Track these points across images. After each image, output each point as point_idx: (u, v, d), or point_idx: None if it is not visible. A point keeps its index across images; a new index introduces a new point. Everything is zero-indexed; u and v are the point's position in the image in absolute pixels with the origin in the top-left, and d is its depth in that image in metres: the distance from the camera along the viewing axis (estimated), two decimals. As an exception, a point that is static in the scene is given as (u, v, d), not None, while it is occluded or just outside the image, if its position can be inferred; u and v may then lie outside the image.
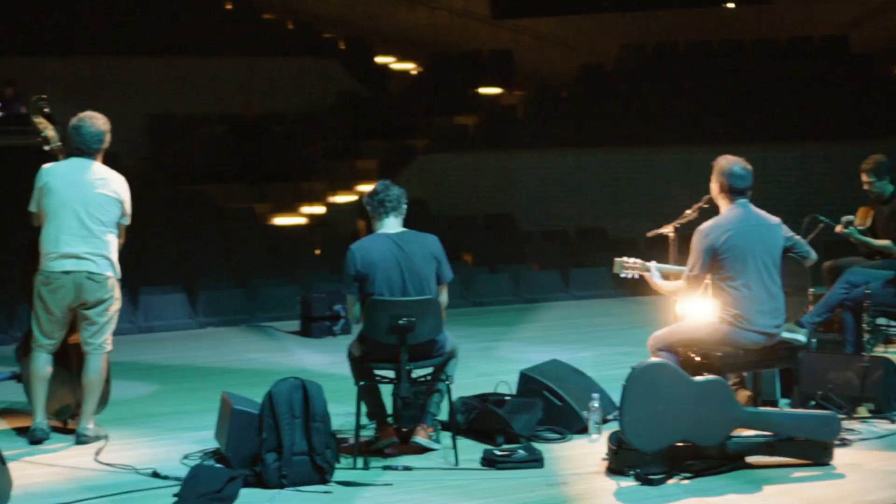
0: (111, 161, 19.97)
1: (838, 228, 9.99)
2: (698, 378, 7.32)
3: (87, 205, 8.03)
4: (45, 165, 8.21)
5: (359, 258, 7.66)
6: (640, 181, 18.68)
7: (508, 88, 25.19)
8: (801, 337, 8.96)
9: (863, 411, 8.46)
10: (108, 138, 8.23)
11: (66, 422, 8.49)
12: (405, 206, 8.01)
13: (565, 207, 19.42)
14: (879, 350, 9.65)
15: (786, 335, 8.89)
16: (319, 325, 12.65)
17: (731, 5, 24.37)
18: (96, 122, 8.18)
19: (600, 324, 13.33)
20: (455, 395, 8.35)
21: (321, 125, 22.55)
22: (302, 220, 20.19)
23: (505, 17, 25.76)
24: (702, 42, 23.61)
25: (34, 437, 8.15)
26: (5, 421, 8.90)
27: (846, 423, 8.14)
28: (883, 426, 8.24)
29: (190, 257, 16.35)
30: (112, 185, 8.14)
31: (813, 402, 8.52)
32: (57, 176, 8.09)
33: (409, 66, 26.64)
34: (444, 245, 17.61)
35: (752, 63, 22.35)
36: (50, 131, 8.38)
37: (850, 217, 10.05)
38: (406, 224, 18.67)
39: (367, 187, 21.63)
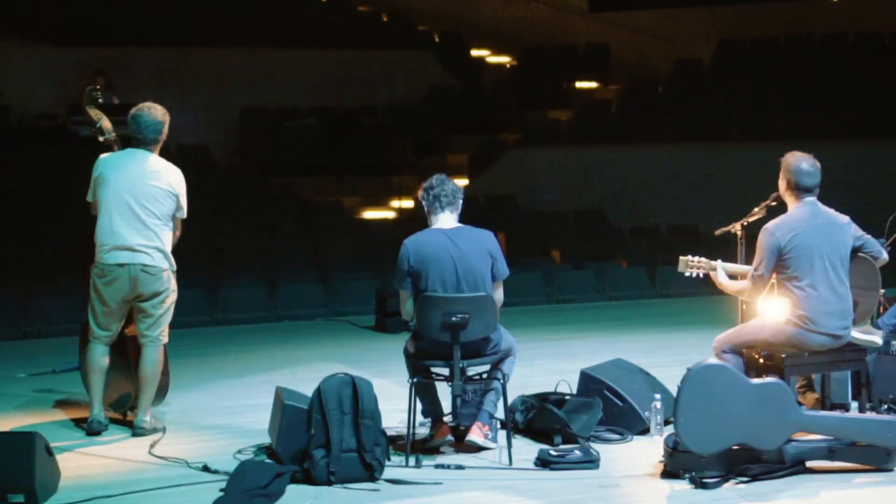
0: (200, 152, 20.32)
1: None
2: (756, 380, 7.12)
3: (140, 197, 8.00)
4: (102, 156, 8.19)
5: (412, 253, 7.55)
6: (735, 178, 18.30)
7: (604, 83, 24.94)
8: (877, 339, 8.71)
9: None
10: (165, 129, 8.19)
11: (125, 414, 8.50)
12: (461, 202, 7.87)
13: (657, 204, 19.17)
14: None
15: (861, 337, 8.66)
16: (394, 320, 12.57)
17: (833, -1, 23.91)
18: (155, 112, 8.15)
19: (682, 322, 13.07)
20: (516, 393, 8.28)
21: (412, 118, 22.48)
22: (391, 215, 20.15)
23: (602, 11, 25.47)
24: (802, 36, 23.14)
25: (91, 429, 8.17)
26: (65, 412, 8.96)
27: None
28: (957, 433, 7.93)
29: (273, 250, 16.39)
30: (167, 178, 8.10)
31: (885, 407, 8.28)
32: (111, 167, 8.08)
33: (505, 60, 26.50)
34: (533, 241, 17.74)
35: (854, 57, 21.87)
36: (105, 122, 8.35)
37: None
38: (494, 218, 18.72)
39: (458, 182, 21.54)
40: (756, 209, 8.46)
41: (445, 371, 7.55)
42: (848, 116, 20.03)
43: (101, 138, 8.35)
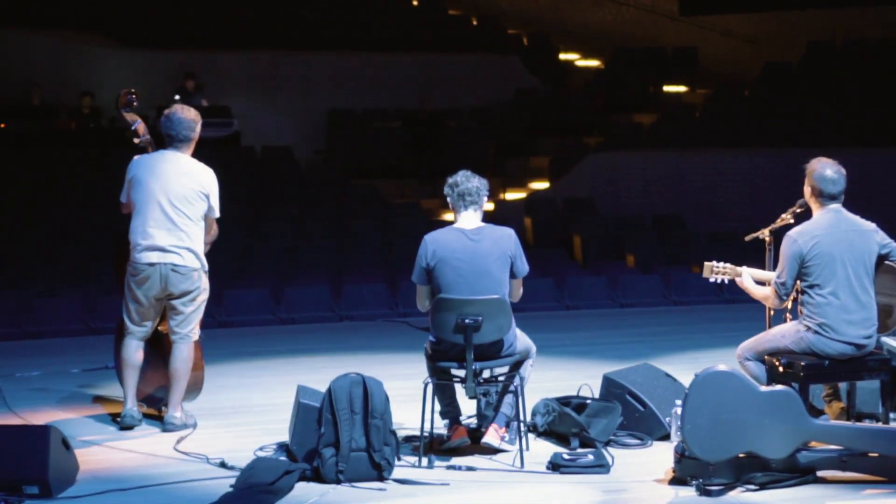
0: (285, 153, 20.56)
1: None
2: (764, 388, 7.08)
3: (172, 197, 8.17)
4: (136, 157, 8.38)
5: (430, 251, 7.62)
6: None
7: (692, 86, 24.77)
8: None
9: None
10: (198, 129, 8.34)
11: (160, 409, 8.67)
12: (485, 200, 7.86)
13: (737, 209, 18.99)
14: None
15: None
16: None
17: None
18: (187, 112, 8.32)
19: (740, 329, 12.93)
20: (543, 396, 8.32)
21: (496, 121, 22.53)
22: (471, 217, 20.15)
23: (692, 14, 25.29)
24: (893, 40, 22.74)
25: (124, 424, 8.36)
26: (103, 407, 9.16)
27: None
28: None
29: (347, 251, 16.56)
30: (198, 179, 8.26)
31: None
32: (145, 168, 8.27)
33: (593, 63, 26.42)
34: (609, 245, 17.66)
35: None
36: (140, 125, 8.53)
37: None
38: (573, 221, 18.62)
39: (539, 185, 21.65)
40: (784, 215, 8.44)
41: (462, 373, 7.61)
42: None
43: (136, 140, 8.52)
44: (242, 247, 16.48)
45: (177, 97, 19.63)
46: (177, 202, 8.18)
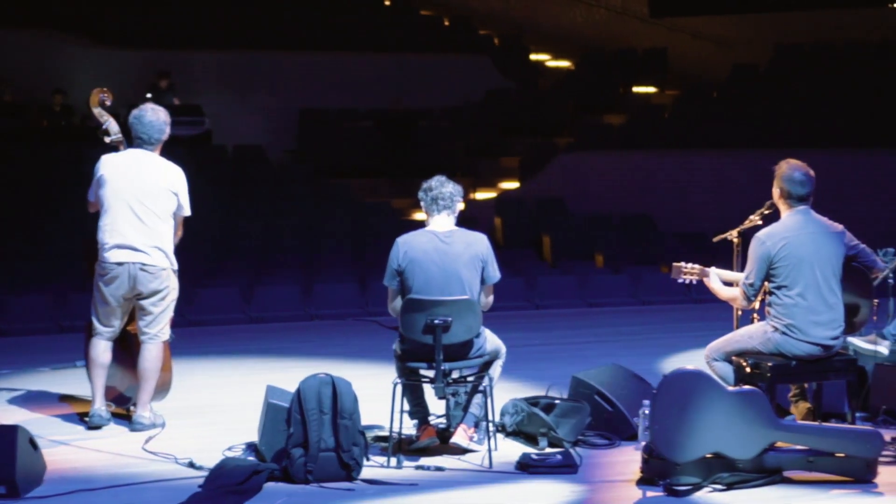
0: (257, 152, 20.54)
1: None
2: (732, 388, 7.13)
3: (141, 196, 8.16)
4: (105, 156, 8.36)
5: (402, 252, 7.65)
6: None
7: (662, 88, 24.87)
8: (882, 349, 8.71)
9: None
10: (167, 130, 8.34)
11: (128, 409, 8.66)
12: (459, 205, 7.89)
13: (705, 210, 19.07)
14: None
15: (866, 346, 8.66)
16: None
17: (895, 5, 23.54)
18: (158, 113, 8.30)
19: (710, 329, 12.99)
20: (513, 396, 8.35)
21: (467, 122, 22.57)
22: (441, 216, 20.18)
23: (662, 16, 25.42)
24: (861, 42, 22.90)
25: (92, 423, 8.34)
26: (71, 406, 9.13)
27: (910, 441, 7.84)
28: (950, 445, 7.87)
29: (318, 250, 16.56)
30: (167, 177, 8.25)
31: (881, 417, 8.26)
32: (113, 167, 8.25)
33: (564, 64, 26.50)
34: (578, 245, 17.72)
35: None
36: (111, 124, 8.51)
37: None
38: (543, 221, 18.66)
39: (509, 185, 21.69)
40: (753, 216, 8.50)
41: (431, 373, 7.63)
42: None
43: (107, 139, 8.50)
44: (213, 246, 16.47)
45: (149, 95, 19.60)
46: (146, 200, 8.17)
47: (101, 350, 8.34)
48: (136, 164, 8.23)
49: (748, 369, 7.67)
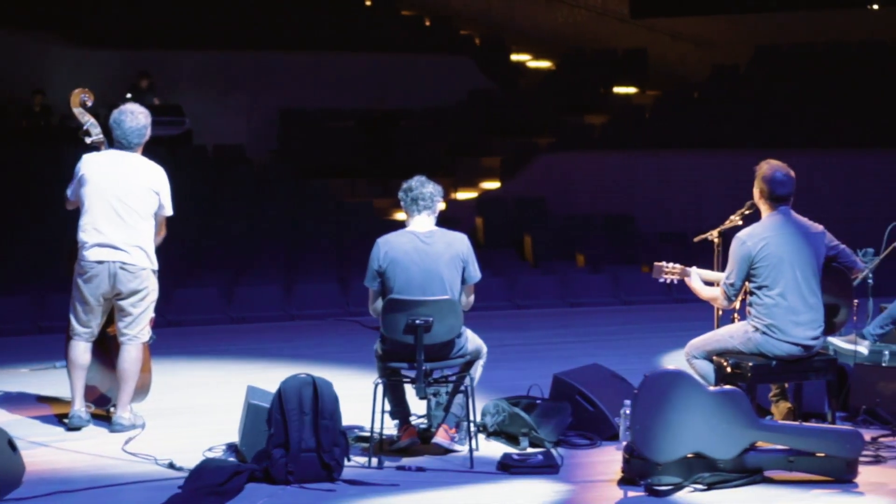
0: (237, 152, 20.51)
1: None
2: (713, 388, 7.14)
3: (122, 195, 8.13)
4: (86, 155, 8.32)
5: (382, 252, 7.64)
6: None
7: (642, 88, 24.93)
8: (863, 349, 8.74)
9: None
10: (148, 132, 8.32)
11: (108, 410, 8.63)
12: (439, 205, 7.89)
13: (686, 210, 19.10)
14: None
15: (846, 346, 8.69)
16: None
17: (874, 7, 23.61)
18: (138, 116, 8.27)
19: (689, 328, 13.02)
20: (495, 396, 8.35)
21: (449, 122, 22.58)
22: (423, 216, 20.18)
23: (642, 16, 25.48)
24: (840, 44, 22.99)
25: (72, 425, 8.30)
26: (51, 407, 9.09)
27: (889, 440, 7.87)
28: (929, 445, 7.90)
29: (298, 250, 16.54)
30: (149, 177, 8.22)
31: (861, 417, 8.29)
32: (95, 166, 8.22)
33: (545, 65, 26.54)
34: (559, 245, 17.74)
35: (893, 65, 21.67)
36: (92, 125, 8.48)
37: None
38: (524, 221, 18.68)
39: (490, 185, 21.70)
40: (733, 216, 8.52)
41: (412, 373, 7.62)
42: (883, 125, 19.85)
43: (87, 140, 8.47)
44: (193, 246, 16.43)
45: (129, 95, 19.55)
46: (127, 199, 8.14)
47: (81, 351, 8.30)
48: (117, 164, 8.21)
49: (729, 369, 7.68)
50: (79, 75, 21.20)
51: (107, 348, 8.49)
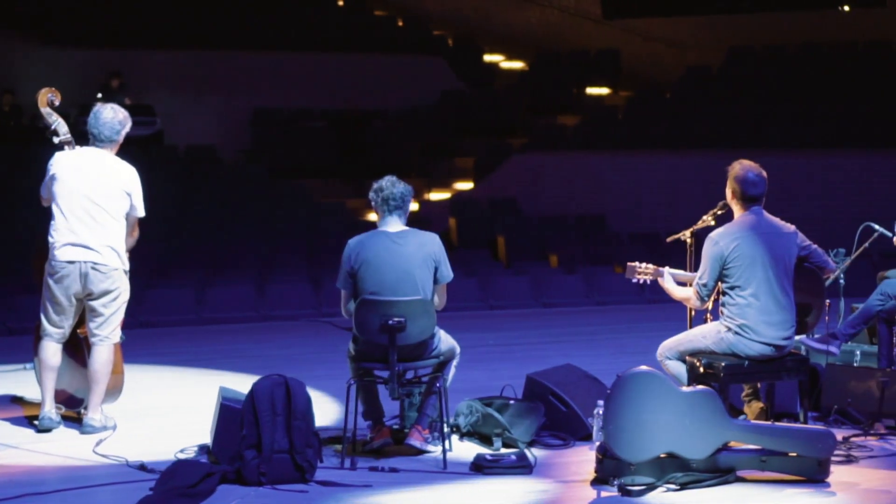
0: (209, 152, 20.44)
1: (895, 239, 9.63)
2: (686, 388, 7.14)
3: (94, 195, 8.08)
4: (58, 153, 8.27)
5: (354, 253, 7.61)
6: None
7: (615, 89, 24.97)
8: (833, 349, 8.76)
9: None
10: (123, 132, 8.26)
11: (79, 412, 8.57)
12: (409, 205, 7.87)
13: (659, 211, 19.15)
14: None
15: (818, 346, 8.71)
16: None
17: (845, 8, 23.70)
18: (118, 113, 8.23)
19: (662, 328, 13.04)
20: (468, 397, 8.33)
21: (422, 122, 22.59)
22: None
23: (615, 17, 25.51)
24: (812, 45, 23.08)
25: (42, 426, 8.24)
26: (22, 408, 9.03)
27: (860, 440, 7.89)
28: (900, 444, 7.93)
29: (271, 250, 16.50)
30: (121, 177, 8.17)
31: (833, 417, 8.32)
32: (66, 165, 8.16)
33: (518, 65, 26.57)
34: (532, 246, 17.76)
35: (863, 66, 21.77)
36: (60, 125, 8.42)
37: (904, 226, 9.67)
38: (497, 221, 18.69)
39: (463, 185, 21.70)
40: (705, 216, 8.53)
41: (385, 374, 7.60)
42: (855, 125, 19.94)
43: (55, 140, 8.41)
44: (165, 246, 16.36)
45: (99, 95, 19.47)
46: (98, 199, 8.09)
47: (51, 352, 8.24)
48: (89, 163, 8.16)
49: (702, 369, 7.67)
50: (49, 75, 21.10)
51: (78, 349, 8.43)
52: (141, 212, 8.32)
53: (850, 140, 19.56)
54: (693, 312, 8.35)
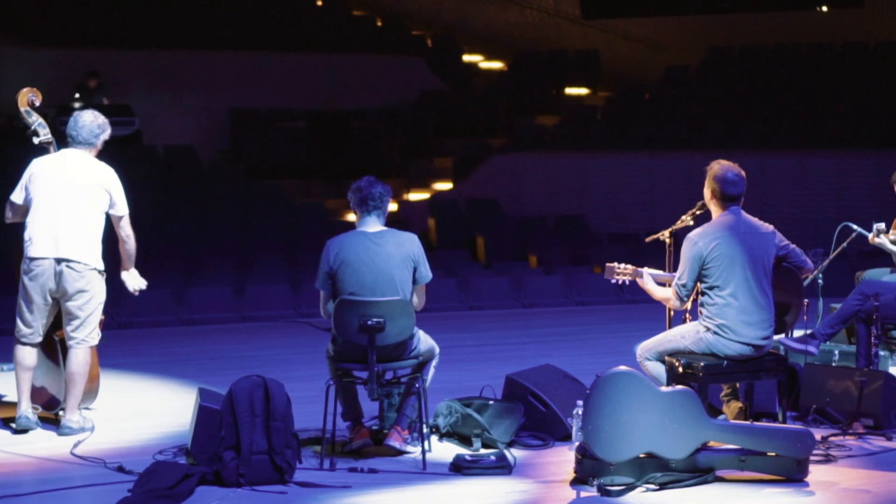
0: (188, 153, 20.38)
1: (871, 238, 9.66)
2: (665, 388, 7.15)
3: (70, 193, 8.05)
4: (35, 159, 8.26)
5: (333, 254, 7.60)
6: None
7: (594, 89, 25.01)
8: (812, 349, 8.78)
9: None
10: (102, 137, 8.24)
11: (57, 413, 8.53)
12: (388, 206, 7.86)
13: (638, 211, 19.19)
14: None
15: (797, 346, 8.72)
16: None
17: (823, 9, 23.77)
18: (98, 118, 8.23)
19: (641, 329, 13.06)
20: (448, 397, 8.32)
21: (401, 122, 22.58)
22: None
23: (594, 18, 25.55)
24: (790, 45, 23.15)
25: (19, 427, 8.20)
26: (-1, 410, 9.01)
27: (839, 440, 7.91)
28: (878, 443, 7.92)
29: (250, 251, 16.47)
30: (98, 176, 8.15)
31: (811, 417, 8.34)
32: (44, 165, 8.15)
33: (497, 65, 26.59)
34: (512, 246, 17.77)
35: (841, 67, 21.85)
36: (40, 125, 8.39)
37: (882, 225, 9.70)
38: (477, 222, 18.71)
39: (442, 185, 21.70)
40: (684, 216, 8.54)
41: (364, 374, 7.59)
42: (833, 125, 20.00)
43: (35, 140, 8.39)
44: (143, 247, 16.22)
45: (77, 95, 19.40)
46: (75, 198, 8.06)
47: (27, 354, 8.21)
48: (66, 162, 8.15)
49: (681, 369, 7.68)
50: (27, 75, 21.01)
51: (55, 351, 8.39)
52: (123, 209, 8.30)
53: (828, 140, 19.60)
54: (672, 313, 8.37)
